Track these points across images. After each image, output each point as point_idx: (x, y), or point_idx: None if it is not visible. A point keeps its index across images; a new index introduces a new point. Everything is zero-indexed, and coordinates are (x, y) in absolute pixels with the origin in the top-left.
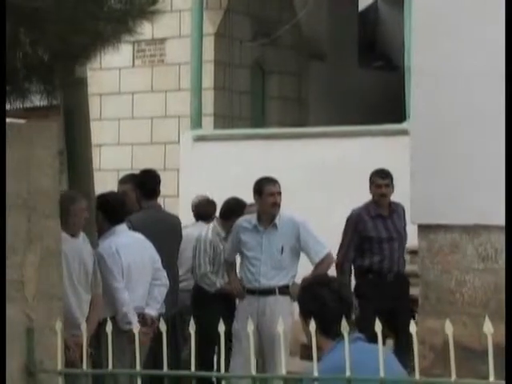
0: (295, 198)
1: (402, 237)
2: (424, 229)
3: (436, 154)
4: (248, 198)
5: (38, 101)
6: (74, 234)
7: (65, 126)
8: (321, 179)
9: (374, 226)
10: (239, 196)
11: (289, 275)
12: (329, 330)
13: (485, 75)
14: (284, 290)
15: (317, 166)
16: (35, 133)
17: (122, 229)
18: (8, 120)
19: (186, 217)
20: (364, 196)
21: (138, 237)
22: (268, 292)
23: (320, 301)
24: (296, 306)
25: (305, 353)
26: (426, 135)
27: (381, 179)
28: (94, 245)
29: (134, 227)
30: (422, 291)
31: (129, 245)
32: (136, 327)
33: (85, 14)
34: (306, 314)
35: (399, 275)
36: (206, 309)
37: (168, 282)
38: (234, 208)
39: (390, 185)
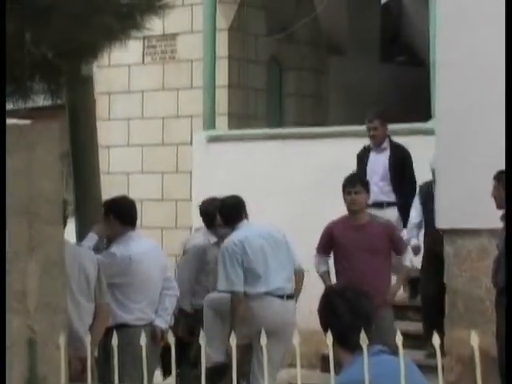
0: (314, 200)
1: None
2: (450, 234)
3: (462, 155)
4: (265, 200)
5: (41, 100)
6: None
7: (70, 127)
8: (341, 181)
9: None
10: (257, 199)
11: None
12: (345, 343)
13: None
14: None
15: (337, 167)
16: (37, 134)
17: (138, 234)
18: (13, 121)
19: (199, 221)
20: None
21: (152, 244)
22: None
23: (333, 312)
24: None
25: (325, 366)
26: (452, 135)
27: None
28: (101, 250)
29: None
30: (449, 299)
31: (145, 252)
32: (143, 340)
33: (91, 9)
34: (323, 326)
35: None
36: None
37: (178, 293)
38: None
39: None
